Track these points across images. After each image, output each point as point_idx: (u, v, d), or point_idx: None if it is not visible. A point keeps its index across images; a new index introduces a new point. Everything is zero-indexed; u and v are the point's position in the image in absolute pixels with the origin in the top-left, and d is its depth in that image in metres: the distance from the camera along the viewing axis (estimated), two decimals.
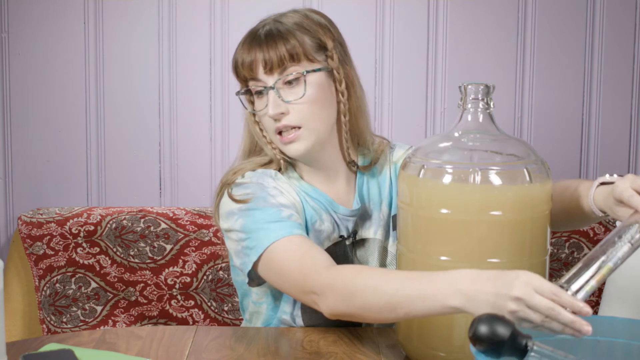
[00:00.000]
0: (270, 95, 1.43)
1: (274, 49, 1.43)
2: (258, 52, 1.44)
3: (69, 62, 2.20)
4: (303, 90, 1.43)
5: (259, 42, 1.44)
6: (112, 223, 2.07)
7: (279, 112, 1.43)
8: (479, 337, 0.97)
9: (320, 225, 1.50)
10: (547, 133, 2.28)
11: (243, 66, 1.45)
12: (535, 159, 1.28)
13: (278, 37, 1.44)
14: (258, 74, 1.44)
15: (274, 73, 1.43)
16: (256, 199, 1.42)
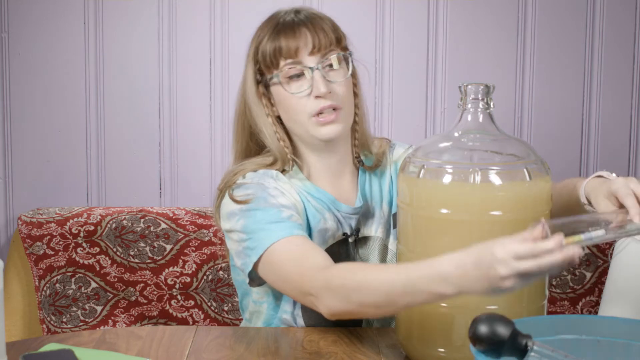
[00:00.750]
0: (317, 74, 1.45)
1: (321, 31, 1.47)
2: (305, 35, 1.46)
3: (69, 62, 2.20)
4: (347, 71, 1.48)
5: (303, 26, 1.47)
6: (112, 223, 2.07)
7: (327, 90, 1.45)
8: (479, 337, 0.97)
9: (325, 224, 1.51)
10: (547, 133, 2.28)
11: (288, 50, 1.46)
12: (535, 159, 1.28)
13: (321, 21, 1.49)
14: (301, 56, 1.46)
15: (318, 55, 1.47)
16: (257, 200, 1.43)
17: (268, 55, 1.48)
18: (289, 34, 1.47)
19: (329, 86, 1.45)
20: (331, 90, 1.45)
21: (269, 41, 1.49)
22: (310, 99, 1.46)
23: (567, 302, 2.14)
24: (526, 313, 1.24)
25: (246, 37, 2.23)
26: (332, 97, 1.46)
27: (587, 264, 2.13)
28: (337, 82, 1.47)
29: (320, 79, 1.45)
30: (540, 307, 1.29)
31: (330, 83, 1.46)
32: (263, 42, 1.49)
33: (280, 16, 1.51)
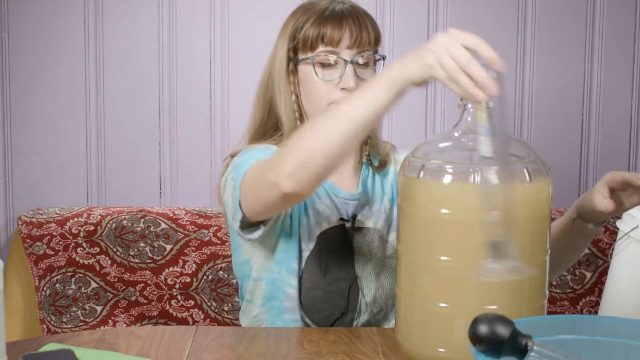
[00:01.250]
0: (349, 68, 1.50)
1: (365, 29, 1.52)
2: (350, 28, 1.50)
3: (69, 62, 2.20)
4: (375, 72, 1.54)
5: (348, 19, 1.51)
6: (112, 223, 2.07)
7: (355, 85, 1.49)
8: (478, 337, 0.97)
9: (319, 205, 1.54)
10: (547, 133, 2.28)
11: (331, 38, 1.50)
12: (535, 159, 1.28)
13: (367, 18, 1.53)
14: (339, 47, 1.50)
15: (354, 50, 1.51)
16: (245, 153, 1.49)
17: (310, 37, 1.51)
18: (335, 23, 1.50)
19: (358, 82, 1.50)
20: (357, 86, 1.49)
21: (313, 25, 1.51)
22: (336, 89, 1.50)
23: (567, 302, 2.14)
24: (526, 313, 1.24)
25: (246, 37, 2.23)
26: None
27: (587, 264, 2.14)
28: (365, 80, 1.50)
29: (352, 73, 1.50)
30: (540, 307, 1.29)
31: (359, 79, 1.51)
32: (307, 24, 1.52)
33: (326, 3, 1.54)
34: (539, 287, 1.29)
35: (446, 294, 1.25)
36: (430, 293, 1.27)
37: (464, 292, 1.24)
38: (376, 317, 1.58)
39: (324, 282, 1.53)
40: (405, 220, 1.31)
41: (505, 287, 1.25)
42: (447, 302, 1.25)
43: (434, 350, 1.27)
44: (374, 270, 1.58)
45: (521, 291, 1.25)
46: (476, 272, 1.20)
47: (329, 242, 1.54)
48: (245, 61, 2.21)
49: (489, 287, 1.24)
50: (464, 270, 1.24)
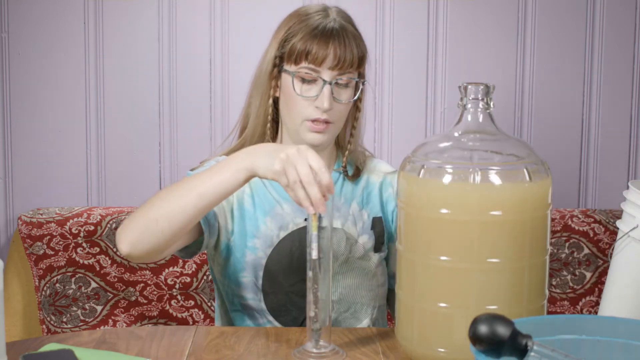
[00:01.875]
0: (327, 89, 1.52)
1: (349, 51, 1.53)
2: (333, 49, 1.52)
3: (69, 62, 2.20)
4: (354, 95, 1.56)
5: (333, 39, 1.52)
6: (112, 223, 2.07)
7: (329, 107, 1.52)
8: (478, 337, 0.97)
9: (280, 210, 1.58)
10: (547, 133, 2.28)
11: (315, 57, 1.51)
12: (535, 159, 1.28)
13: (352, 39, 1.54)
14: (321, 67, 1.52)
15: (334, 71, 1.52)
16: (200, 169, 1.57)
17: (296, 52, 1.53)
18: (322, 43, 1.52)
19: (332, 103, 1.52)
20: (332, 108, 1.52)
21: (302, 39, 1.53)
22: (311, 106, 1.53)
23: (567, 302, 2.14)
24: (526, 313, 1.24)
25: (246, 37, 2.23)
26: (329, 113, 1.53)
27: (587, 264, 2.14)
28: (341, 102, 1.54)
29: (328, 94, 1.51)
30: (540, 307, 1.29)
31: (335, 100, 1.53)
32: (297, 37, 1.54)
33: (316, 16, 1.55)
34: (539, 287, 1.29)
35: (446, 294, 1.25)
36: (430, 293, 1.27)
37: (464, 292, 1.24)
38: (344, 315, 1.60)
39: (285, 285, 1.57)
40: (405, 220, 1.31)
41: (505, 287, 1.25)
42: (447, 302, 1.25)
43: (434, 350, 1.27)
44: (340, 270, 1.60)
45: (521, 291, 1.26)
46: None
47: (292, 243, 1.57)
48: (245, 61, 2.20)
49: (489, 287, 1.24)
50: (464, 270, 1.24)
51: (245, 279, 1.58)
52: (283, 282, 1.57)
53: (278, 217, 1.58)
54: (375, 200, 1.66)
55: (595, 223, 2.14)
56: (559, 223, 2.13)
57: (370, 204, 1.65)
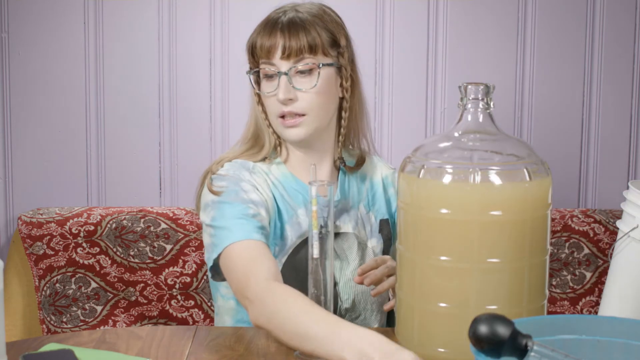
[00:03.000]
0: (282, 80, 1.49)
1: (295, 37, 1.49)
2: (279, 38, 1.49)
3: (69, 62, 2.20)
4: (315, 81, 1.49)
5: (281, 28, 1.50)
6: (112, 223, 2.07)
7: (288, 97, 1.48)
8: (479, 337, 0.97)
9: (297, 219, 1.56)
10: (547, 133, 2.28)
11: (262, 49, 1.50)
12: (535, 159, 1.28)
13: (300, 26, 1.50)
14: (274, 59, 1.50)
15: (290, 60, 1.49)
16: (228, 193, 1.49)
17: (248, 50, 1.54)
18: (265, 35, 1.51)
19: (292, 93, 1.49)
20: (293, 97, 1.49)
21: (252, 36, 1.54)
22: (276, 101, 1.51)
23: (567, 302, 2.14)
24: (526, 313, 1.24)
25: (246, 37, 2.23)
26: (293, 104, 1.50)
27: (587, 264, 2.14)
28: (303, 90, 1.49)
29: (284, 85, 1.49)
30: (540, 307, 1.29)
31: (296, 90, 1.49)
32: (252, 36, 1.55)
33: (273, 13, 1.55)
34: (539, 287, 1.29)
35: (446, 294, 1.25)
36: (431, 293, 1.27)
37: (464, 292, 1.24)
38: (355, 322, 1.59)
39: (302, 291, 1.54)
40: (405, 220, 1.31)
41: (505, 287, 1.25)
42: (447, 302, 1.25)
43: (434, 350, 1.27)
44: (352, 275, 1.58)
45: (521, 291, 1.26)
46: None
47: (306, 250, 1.54)
48: (245, 61, 2.20)
49: (489, 287, 1.24)
50: (464, 270, 1.24)
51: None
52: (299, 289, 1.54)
53: (296, 226, 1.57)
54: (381, 202, 1.65)
55: (595, 223, 2.14)
56: (559, 223, 2.13)
57: (376, 206, 1.64)
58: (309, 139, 1.54)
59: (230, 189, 1.50)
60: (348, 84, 1.55)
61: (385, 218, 1.64)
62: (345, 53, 1.54)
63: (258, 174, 1.55)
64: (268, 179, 1.56)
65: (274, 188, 1.56)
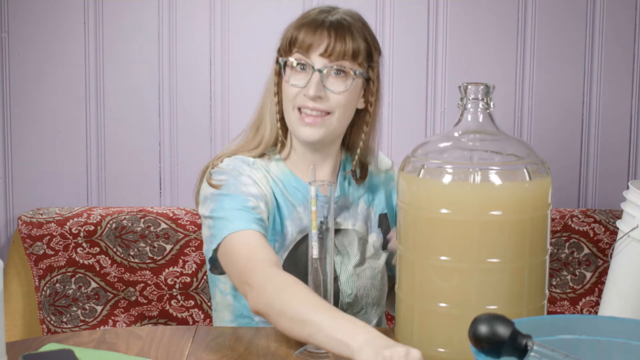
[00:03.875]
0: (315, 76, 1.49)
1: (341, 40, 1.50)
2: (325, 37, 1.50)
3: (69, 62, 2.20)
4: (348, 86, 1.51)
5: (328, 27, 1.50)
6: (112, 223, 2.07)
7: (318, 94, 1.49)
8: (479, 337, 0.97)
9: (298, 215, 1.57)
10: (547, 133, 2.28)
11: (303, 43, 1.50)
12: (535, 159, 1.28)
13: (347, 30, 1.51)
14: (312, 55, 1.50)
15: (326, 59, 1.50)
16: (228, 186, 1.51)
17: (286, 40, 1.53)
18: (309, 30, 1.51)
19: (322, 91, 1.50)
20: (322, 96, 1.50)
21: (291, 28, 1.54)
22: (301, 94, 1.51)
23: (567, 302, 2.14)
24: (526, 313, 1.24)
25: (246, 37, 2.23)
26: (321, 102, 1.50)
27: (587, 264, 2.14)
28: (334, 91, 1.50)
29: (317, 82, 1.49)
30: (540, 307, 1.29)
31: (326, 89, 1.50)
32: (291, 27, 1.54)
33: (316, 11, 1.56)
34: (539, 287, 1.29)
35: (446, 294, 1.25)
36: (430, 293, 1.27)
37: (464, 292, 1.24)
38: (357, 316, 1.59)
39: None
40: (405, 220, 1.31)
41: (505, 287, 1.25)
42: (447, 302, 1.25)
43: (434, 350, 1.27)
44: (354, 271, 1.59)
45: (521, 291, 1.26)
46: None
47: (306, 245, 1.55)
48: (246, 61, 2.21)
49: (489, 287, 1.24)
50: (464, 270, 1.24)
51: None
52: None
53: (297, 221, 1.57)
54: (381, 197, 1.66)
55: (595, 223, 2.14)
56: (559, 223, 2.13)
57: (376, 201, 1.66)
58: (321, 141, 1.54)
59: (230, 182, 1.51)
60: (373, 99, 1.58)
61: (384, 212, 1.65)
62: (376, 68, 1.57)
63: (258, 169, 1.56)
64: (268, 175, 1.57)
65: (274, 184, 1.57)
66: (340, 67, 1.50)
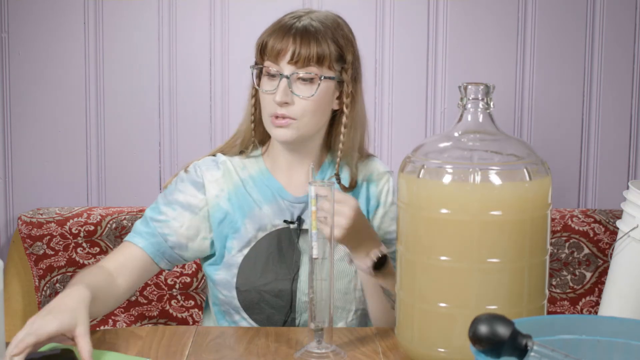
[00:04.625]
0: (282, 83, 1.52)
1: (306, 46, 1.52)
2: (291, 44, 1.52)
3: (69, 62, 2.20)
4: (314, 91, 1.53)
5: (293, 34, 1.53)
6: (112, 223, 2.07)
7: (284, 100, 1.52)
8: (478, 337, 0.97)
9: (259, 212, 1.60)
10: (547, 133, 2.28)
11: (272, 50, 1.53)
12: (535, 159, 1.28)
13: (312, 36, 1.53)
14: (280, 61, 1.53)
15: (295, 65, 1.52)
16: (165, 193, 1.63)
17: (257, 48, 1.57)
18: (277, 37, 1.54)
19: (289, 97, 1.52)
20: (289, 102, 1.53)
21: (264, 35, 1.57)
22: (272, 101, 1.54)
23: (567, 302, 2.14)
24: (526, 313, 1.24)
25: (246, 37, 2.23)
26: (289, 109, 1.53)
27: (587, 264, 2.14)
28: (300, 96, 1.53)
29: (283, 88, 1.52)
30: (540, 307, 1.29)
31: (293, 95, 1.52)
32: (262, 34, 1.58)
33: (288, 17, 1.58)
34: (539, 287, 1.29)
35: (446, 294, 1.25)
36: (430, 293, 1.27)
37: (464, 292, 1.24)
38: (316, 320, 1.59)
39: (259, 283, 1.59)
40: (404, 220, 1.31)
41: (505, 287, 1.25)
42: (447, 302, 1.25)
43: (434, 350, 1.27)
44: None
45: (521, 291, 1.26)
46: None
47: (270, 244, 1.60)
48: (245, 61, 2.20)
49: (489, 287, 1.24)
50: (464, 270, 1.24)
51: (219, 276, 1.61)
52: (256, 281, 1.59)
53: (257, 219, 1.60)
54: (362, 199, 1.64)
55: (595, 223, 2.14)
56: (559, 223, 2.13)
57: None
58: (294, 142, 1.57)
59: (170, 188, 1.64)
60: (348, 100, 1.58)
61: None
62: (349, 70, 1.57)
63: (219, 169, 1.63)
64: (234, 174, 1.62)
65: (240, 182, 1.62)
66: (307, 72, 1.52)
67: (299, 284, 1.60)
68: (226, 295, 1.61)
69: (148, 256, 1.57)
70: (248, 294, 1.59)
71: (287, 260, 1.60)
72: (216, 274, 1.62)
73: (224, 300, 1.62)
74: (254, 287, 1.59)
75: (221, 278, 1.61)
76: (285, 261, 1.60)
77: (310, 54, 1.52)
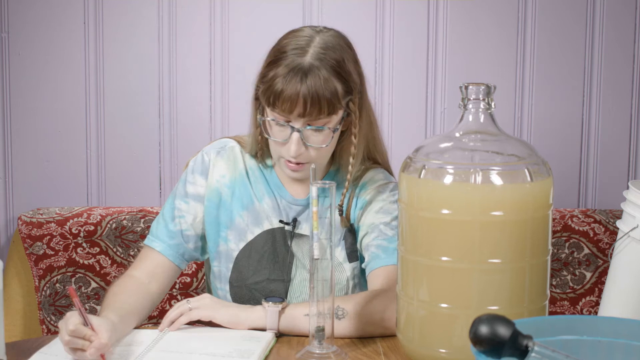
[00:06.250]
0: (295, 136, 1.49)
1: (316, 105, 1.47)
2: (300, 102, 1.47)
3: (69, 62, 2.20)
4: (327, 142, 1.52)
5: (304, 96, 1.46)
6: (112, 223, 2.07)
7: (296, 154, 1.50)
8: (479, 338, 0.97)
9: (258, 207, 1.61)
10: (547, 133, 2.28)
11: (283, 110, 1.48)
12: (536, 159, 1.28)
13: (322, 95, 1.47)
14: (291, 115, 1.49)
15: (305, 118, 1.49)
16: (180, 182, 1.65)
17: (266, 97, 1.50)
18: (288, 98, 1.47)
19: (301, 149, 1.51)
20: (302, 153, 1.51)
21: (274, 88, 1.48)
22: (284, 147, 1.52)
23: (567, 302, 2.14)
24: (527, 313, 1.25)
25: (246, 37, 2.23)
26: (301, 157, 1.51)
27: (587, 264, 2.14)
28: (313, 146, 1.51)
29: (295, 141, 1.49)
30: (541, 308, 1.29)
31: (306, 145, 1.51)
32: (273, 83, 1.49)
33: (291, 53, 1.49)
34: (540, 288, 1.29)
35: (447, 295, 1.25)
36: (431, 293, 1.27)
37: (465, 293, 1.24)
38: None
39: (250, 280, 1.60)
40: (405, 220, 1.31)
41: (506, 288, 1.25)
42: (448, 302, 1.25)
43: (434, 351, 1.27)
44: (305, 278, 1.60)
45: (522, 292, 1.26)
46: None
47: (265, 242, 1.60)
48: (245, 61, 2.20)
49: (490, 288, 1.24)
50: (465, 271, 1.24)
51: (216, 268, 1.63)
52: (249, 278, 1.60)
53: (254, 213, 1.61)
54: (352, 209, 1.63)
55: (595, 223, 2.14)
56: (559, 223, 2.13)
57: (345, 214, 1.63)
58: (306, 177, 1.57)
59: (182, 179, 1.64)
60: (356, 130, 1.55)
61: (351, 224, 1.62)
62: (356, 99, 1.53)
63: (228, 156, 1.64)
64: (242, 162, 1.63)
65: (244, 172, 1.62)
66: (319, 126, 1.49)
67: (292, 287, 1.60)
68: (222, 289, 1.63)
69: (170, 261, 1.60)
70: (239, 289, 1.60)
71: (280, 262, 1.60)
72: (214, 265, 1.64)
73: (221, 295, 1.63)
74: (246, 284, 1.60)
75: (218, 270, 1.63)
76: (279, 262, 1.60)
77: (322, 109, 1.48)
